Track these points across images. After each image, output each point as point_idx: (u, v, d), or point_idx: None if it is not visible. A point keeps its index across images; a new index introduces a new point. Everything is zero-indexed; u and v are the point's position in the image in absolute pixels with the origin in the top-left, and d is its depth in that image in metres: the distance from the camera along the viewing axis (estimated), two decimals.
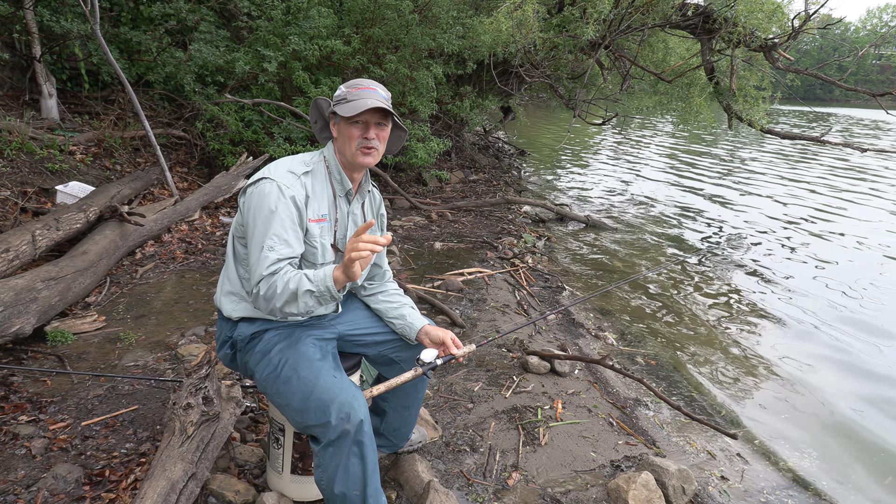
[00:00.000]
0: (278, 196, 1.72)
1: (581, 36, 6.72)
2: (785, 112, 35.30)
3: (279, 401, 1.81)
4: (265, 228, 1.70)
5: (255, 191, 1.76)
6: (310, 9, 6.54)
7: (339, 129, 1.86)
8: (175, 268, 4.48)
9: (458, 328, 3.89)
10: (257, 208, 1.73)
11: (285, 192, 1.73)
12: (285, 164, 1.83)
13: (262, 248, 1.70)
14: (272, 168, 1.80)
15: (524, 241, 6.38)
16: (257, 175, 1.80)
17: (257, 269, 1.70)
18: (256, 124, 6.37)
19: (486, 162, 10.91)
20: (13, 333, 2.87)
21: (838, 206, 9.63)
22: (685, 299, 5.29)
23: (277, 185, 1.73)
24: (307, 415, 1.73)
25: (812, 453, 3.19)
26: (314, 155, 1.91)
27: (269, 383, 1.81)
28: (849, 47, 45.54)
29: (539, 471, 2.55)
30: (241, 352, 1.89)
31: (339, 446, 1.69)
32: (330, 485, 1.73)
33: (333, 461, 1.71)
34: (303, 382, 1.75)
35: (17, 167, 4.80)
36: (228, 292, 1.90)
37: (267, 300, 1.69)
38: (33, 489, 2.09)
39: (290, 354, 1.80)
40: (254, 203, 1.74)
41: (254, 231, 1.73)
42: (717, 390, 3.77)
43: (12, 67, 5.99)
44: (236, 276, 1.88)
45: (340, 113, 1.80)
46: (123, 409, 2.64)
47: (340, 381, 1.78)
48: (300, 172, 1.80)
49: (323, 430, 1.71)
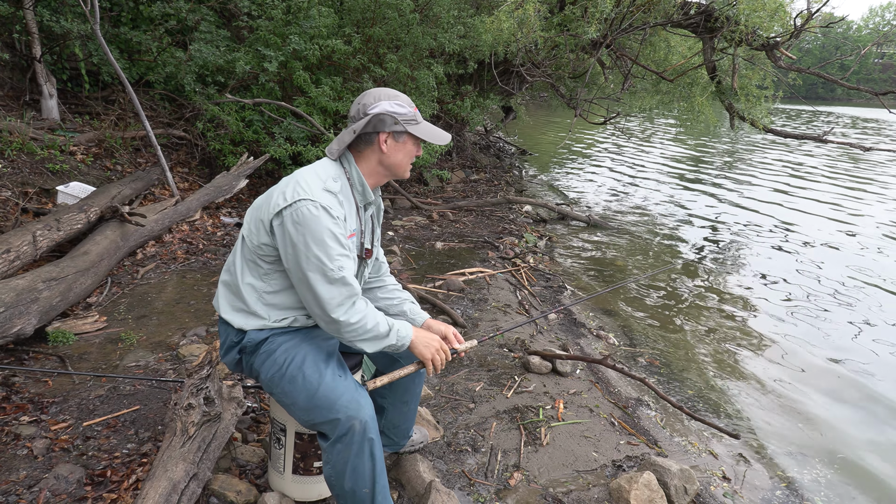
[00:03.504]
0: (328, 217, 1.68)
1: (582, 35, 6.72)
2: (784, 111, 35.26)
3: (285, 400, 1.81)
4: (325, 252, 1.66)
5: (297, 214, 1.66)
6: (310, 8, 6.54)
7: (398, 145, 1.84)
8: (176, 268, 4.48)
9: (459, 328, 3.89)
10: (308, 232, 1.65)
11: (332, 213, 1.69)
12: (316, 181, 1.73)
13: (328, 272, 1.67)
14: (305, 187, 1.69)
15: (525, 240, 6.37)
16: (288, 195, 1.68)
17: (333, 294, 1.69)
18: (257, 124, 6.36)
19: (488, 161, 10.91)
20: (14, 334, 2.87)
21: (841, 205, 9.62)
22: (687, 299, 5.29)
23: (322, 207, 1.67)
24: (314, 413, 1.75)
25: (814, 453, 3.19)
26: (335, 168, 1.83)
27: (274, 383, 1.81)
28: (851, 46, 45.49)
29: (541, 471, 2.55)
30: (247, 355, 1.88)
31: (347, 442, 1.73)
32: (339, 481, 1.77)
33: (342, 457, 1.74)
34: (308, 381, 1.76)
35: (17, 168, 4.80)
36: (240, 309, 1.84)
37: (350, 330, 1.73)
38: (35, 489, 2.09)
39: (296, 353, 1.81)
40: (301, 226, 1.65)
41: (307, 254, 1.66)
42: (719, 390, 3.76)
43: (12, 68, 5.99)
44: (250, 291, 1.82)
45: (419, 134, 1.85)
46: (125, 410, 2.63)
47: (345, 379, 1.80)
48: (336, 191, 1.75)
49: (331, 427, 1.74)
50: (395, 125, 1.81)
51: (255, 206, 1.82)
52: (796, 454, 3.16)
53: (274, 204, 1.70)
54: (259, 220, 1.76)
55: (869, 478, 3.02)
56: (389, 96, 1.83)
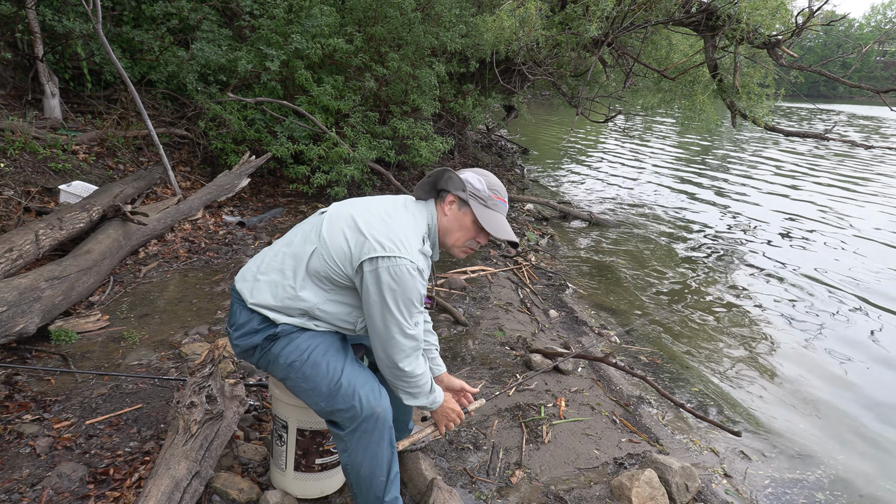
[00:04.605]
0: (420, 281, 1.78)
1: (584, 33, 6.70)
2: (786, 109, 35.18)
3: (304, 385, 1.83)
4: (409, 310, 1.77)
5: (395, 271, 1.73)
6: (312, 7, 6.54)
7: (459, 214, 1.92)
8: (178, 267, 4.49)
9: (461, 326, 3.89)
10: (401, 290, 1.74)
11: (424, 276, 1.81)
12: (415, 240, 1.81)
13: (406, 328, 1.77)
14: (406, 244, 1.76)
15: (527, 239, 6.37)
16: (387, 246, 1.74)
17: (405, 346, 1.79)
18: (259, 123, 6.37)
19: (489, 160, 10.90)
20: (17, 332, 2.87)
21: (843, 203, 9.60)
22: (689, 297, 5.28)
23: (418, 270, 1.77)
24: (335, 399, 1.80)
25: (816, 451, 3.19)
26: (424, 221, 1.90)
27: (294, 368, 1.83)
28: (853, 44, 45.35)
29: (542, 468, 2.55)
30: (268, 341, 1.87)
31: (368, 430, 1.81)
32: (357, 469, 1.84)
33: (361, 444, 1.82)
34: (332, 367, 1.83)
35: (20, 167, 4.81)
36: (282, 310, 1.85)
37: (408, 380, 1.85)
38: (38, 488, 2.10)
39: (320, 342, 1.86)
40: (396, 283, 1.74)
41: (392, 308, 1.75)
42: (721, 388, 3.76)
43: (15, 67, 6.00)
44: (305, 303, 1.84)
45: (478, 215, 1.88)
46: (127, 408, 2.64)
47: (365, 370, 1.90)
48: (428, 254, 1.86)
49: (350, 414, 1.80)
50: (461, 191, 1.89)
51: (338, 232, 1.80)
52: (798, 452, 3.16)
53: (370, 247, 1.74)
54: (343, 250, 1.77)
55: (870, 476, 3.02)
56: (479, 173, 1.96)
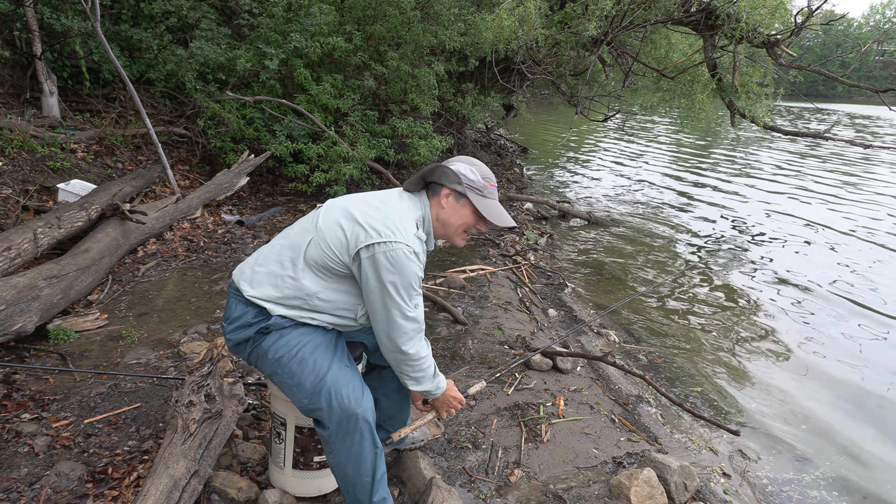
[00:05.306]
0: (418, 264, 1.81)
1: (583, 32, 6.70)
2: (786, 109, 35.20)
3: (290, 381, 1.84)
4: (409, 293, 1.79)
5: (391, 255, 1.75)
6: (311, 6, 6.53)
7: (457, 206, 1.94)
8: (177, 266, 4.48)
9: (460, 325, 3.89)
10: (399, 273, 1.76)
11: (420, 259, 1.83)
12: (410, 225, 1.83)
13: (406, 311, 1.79)
14: (401, 228, 1.79)
15: (526, 238, 6.37)
16: (383, 232, 1.76)
17: (406, 329, 1.81)
18: (258, 122, 6.36)
19: (488, 159, 10.89)
20: (15, 331, 2.87)
21: (844, 203, 9.60)
22: (688, 296, 5.28)
23: (415, 253, 1.79)
24: (318, 397, 1.80)
25: (814, 451, 3.19)
26: (417, 210, 1.93)
27: (281, 364, 1.84)
28: (852, 43, 45.29)
29: (541, 467, 2.55)
30: (260, 335, 1.88)
31: (348, 431, 1.80)
32: (343, 469, 1.85)
33: (344, 445, 1.82)
34: (318, 365, 1.83)
35: (18, 165, 4.80)
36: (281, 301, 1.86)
37: (412, 362, 1.86)
38: (36, 487, 2.10)
39: (309, 339, 1.87)
40: (394, 267, 1.76)
41: (392, 292, 1.77)
42: (720, 387, 3.77)
43: (13, 65, 5.98)
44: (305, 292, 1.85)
45: (477, 205, 1.91)
46: (126, 407, 2.64)
47: (352, 370, 1.89)
48: (423, 239, 1.88)
49: (330, 413, 1.79)
50: (457, 184, 1.91)
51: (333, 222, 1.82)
52: (797, 451, 3.16)
53: (366, 235, 1.76)
54: (340, 239, 1.80)
55: (869, 476, 3.03)
56: (469, 162, 1.98)
